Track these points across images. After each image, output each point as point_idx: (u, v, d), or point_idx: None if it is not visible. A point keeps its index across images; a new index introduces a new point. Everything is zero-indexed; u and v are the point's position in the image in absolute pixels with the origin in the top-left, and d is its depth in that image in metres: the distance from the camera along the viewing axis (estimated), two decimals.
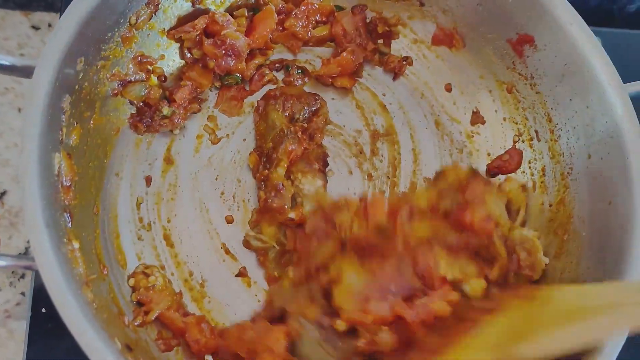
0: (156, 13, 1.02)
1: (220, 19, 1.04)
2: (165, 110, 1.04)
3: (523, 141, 1.11)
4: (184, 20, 1.05)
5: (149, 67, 1.03)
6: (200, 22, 1.04)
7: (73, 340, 0.73)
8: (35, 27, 1.27)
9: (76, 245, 0.86)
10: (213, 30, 1.05)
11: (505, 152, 1.11)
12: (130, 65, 1.01)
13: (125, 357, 0.78)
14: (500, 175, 1.12)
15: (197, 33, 1.04)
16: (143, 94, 1.03)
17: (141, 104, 1.04)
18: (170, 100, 1.06)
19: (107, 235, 0.98)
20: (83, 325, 0.73)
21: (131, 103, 1.04)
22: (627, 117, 0.94)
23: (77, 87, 0.90)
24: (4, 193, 1.14)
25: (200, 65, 1.07)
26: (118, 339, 0.81)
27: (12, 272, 1.08)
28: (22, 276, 1.08)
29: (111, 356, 0.73)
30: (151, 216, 1.03)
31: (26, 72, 0.85)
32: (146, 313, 0.92)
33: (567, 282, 0.97)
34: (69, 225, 0.87)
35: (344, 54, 1.13)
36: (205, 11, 1.07)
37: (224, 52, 1.05)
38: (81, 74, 0.90)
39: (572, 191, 1.03)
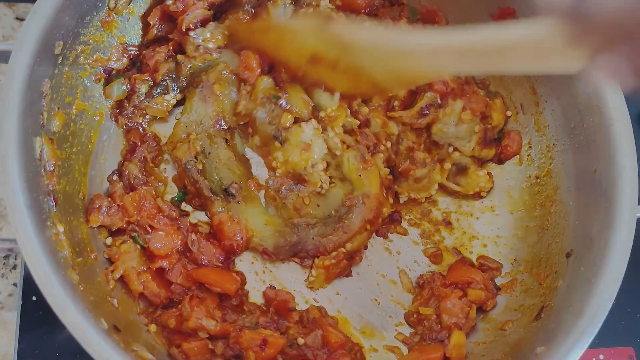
0: None
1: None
2: (144, 87, 1.03)
3: (509, 116, 1.11)
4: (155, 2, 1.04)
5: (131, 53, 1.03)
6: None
7: (64, 327, 0.74)
8: (20, 19, 1.27)
9: (61, 229, 0.86)
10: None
11: (504, 136, 1.10)
12: (113, 51, 1.01)
13: (112, 337, 0.79)
14: None
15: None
16: (124, 89, 1.02)
17: None
18: (143, 69, 1.04)
19: None
20: (66, 304, 0.73)
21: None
22: (610, 85, 0.93)
23: (56, 71, 0.90)
24: None
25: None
26: (105, 320, 0.81)
27: (4, 264, 1.08)
28: (14, 267, 1.08)
29: (95, 335, 0.73)
30: None
31: (5, 57, 0.85)
32: (112, 271, 0.93)
33: (555, 253, 0.97)
34: (54, 209, 0.87)
35: None
36: None
37: None
38: (60, 58, 0.90)
39: (557, 162, 1.03)
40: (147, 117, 1.05)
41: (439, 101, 1.02)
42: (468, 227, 1.08)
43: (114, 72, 1.03)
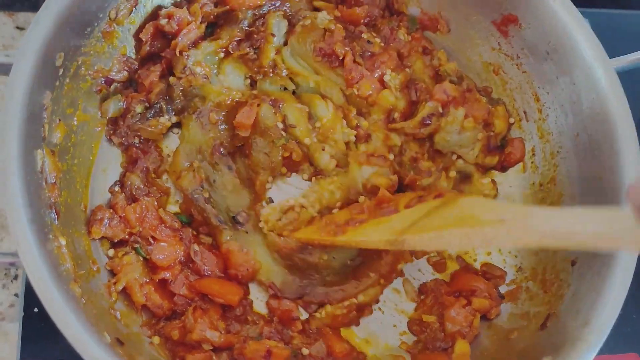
0: (136, 7, 1.01)
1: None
2: (139, 108, 1.01)
3: (512, 122, 1.11)
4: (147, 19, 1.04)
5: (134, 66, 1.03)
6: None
7: (66, 339, 0.73)
8: (20, 28, 1.26)
9: (63, 242, 0.85)
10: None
11: (507, 144, 1.10)
12: (115, 62, 1.01)
13: (115, 350, 0.78)
14: None
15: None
16: (121, 106, 1.02)
17: None
18: (139, 88, 1.03)
19: None
20: (69, 318, 0.73)
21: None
22: (613, 92, 0.93)
23: (57, 83, 0.89)
24: None
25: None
26: (108, 333, 0.81)
27: (5, 275, 1.08)
28: (15, 277, 1.08)
29: (98, 349, 0.72)
30: None
31: (6, 70, 0.84)
32: (114, 283, 0.92)
33: (560, 261, 0.97)
34: (56, 222, 0.86)
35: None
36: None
37: None
38: (61, 70, 0.90)
39: (562, 169, 1.02)
40: (142, 138, 1.03)
41: (440, 110, 1.02)
42: None
43: (115, 84, 1.02)
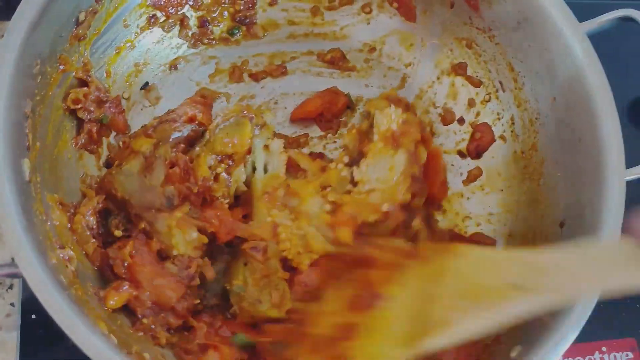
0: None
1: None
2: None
3: (489, 93, 1.13)
4: None
5: None
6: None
7: (65, 345, 0.73)
8: None
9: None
10: None
11: (474, 130, 1.12)
12: None
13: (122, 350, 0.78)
14: None
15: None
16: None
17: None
18: None
19: None
20: (74, 322, 0.72)
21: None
22: (586, 55, 0.95)
23: (36, 90, 0.89)
24: None
25: None
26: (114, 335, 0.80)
27: (0, 284, 1.07)
28: (10, 287, 1.07)
29: (108, 350, 0.72)
30: None
31: None
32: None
33: (548, 225, 0.99)
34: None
35: None
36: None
37: None
38: (39, 77, 0.89)
39: (541, 135, 1.05)
40: None
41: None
42: (460, 208, 1.09)
43: None
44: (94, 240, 0.90)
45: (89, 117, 0.98)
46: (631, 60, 1.28)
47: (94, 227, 0.92)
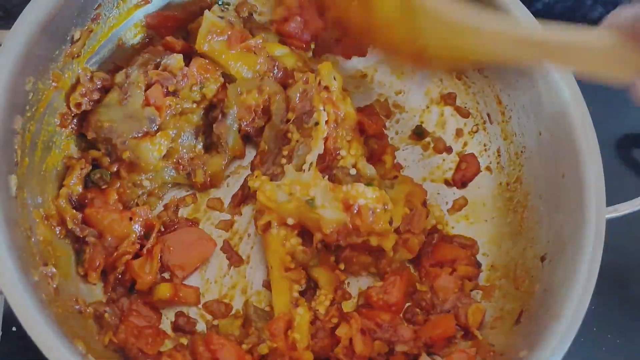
0: None
1: None
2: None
3: (477, 124, 1.14)
4: None
5: None
6: None
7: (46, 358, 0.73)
8: None
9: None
10: None
11: (460, 160, 1.13)
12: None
13: None
14: None
15: None
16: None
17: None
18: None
19: None
20: (53, 343, 0.73)
21: None
22: (572, 94, 0.97)
23: (27, 107, 0.89)
24: None
25: None
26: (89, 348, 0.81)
27: None
28: None
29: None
30: None
31: None
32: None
33: (530, 258, 1.00)
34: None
35: None
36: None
37: None
38: (31, 94, 0.90)
39: (526, 169, 1.06)
40: None
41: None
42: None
43: None
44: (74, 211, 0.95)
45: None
46: (620, 96, 1.29)
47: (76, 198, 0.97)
